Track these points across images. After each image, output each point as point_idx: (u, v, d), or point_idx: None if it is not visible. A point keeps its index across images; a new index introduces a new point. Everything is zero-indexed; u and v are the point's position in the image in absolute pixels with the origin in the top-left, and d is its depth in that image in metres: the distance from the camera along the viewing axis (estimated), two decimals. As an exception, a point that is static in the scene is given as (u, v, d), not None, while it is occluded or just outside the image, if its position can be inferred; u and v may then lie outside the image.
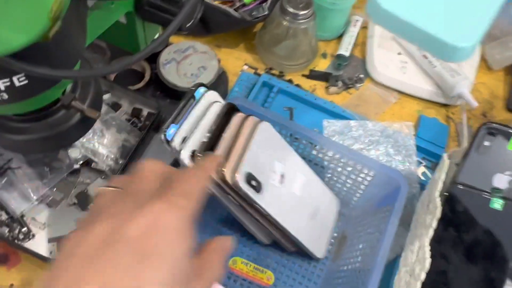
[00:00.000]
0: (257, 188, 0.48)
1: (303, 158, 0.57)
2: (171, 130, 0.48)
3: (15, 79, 0.33)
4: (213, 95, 0.52)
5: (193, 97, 0.50)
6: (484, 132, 0.51)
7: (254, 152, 0.48)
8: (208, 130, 0.48)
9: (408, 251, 0.54)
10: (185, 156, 0.46)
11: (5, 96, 0.34)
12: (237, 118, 0.51)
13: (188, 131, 0.48)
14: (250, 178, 0.47)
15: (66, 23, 0.30)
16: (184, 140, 0.47)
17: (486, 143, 0.51)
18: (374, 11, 0.30)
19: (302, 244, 0.53)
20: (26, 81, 0.33)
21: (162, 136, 0.47)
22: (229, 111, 0.51)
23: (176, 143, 0.47)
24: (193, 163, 0.47)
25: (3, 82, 0.32)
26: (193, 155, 0.47)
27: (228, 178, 0.46)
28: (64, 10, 0.29)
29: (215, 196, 0.49)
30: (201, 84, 0.51)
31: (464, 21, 0.28)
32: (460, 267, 0.51)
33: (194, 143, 0.47)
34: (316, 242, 0.56)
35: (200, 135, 0.48)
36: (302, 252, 0.55)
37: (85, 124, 0.45)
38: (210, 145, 0.47)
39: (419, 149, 0.67)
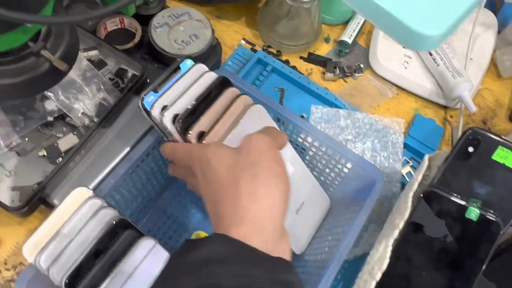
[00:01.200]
0: None
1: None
2: (149, 98, 0.46)
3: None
4: (201, 67, 0.50)
5: (178, 68, 0.49)
6: (469, 138, 0.48)
7: (240, 132, 0.46)
8: (196, 98, 0.46)
9: (374, 250, 0.53)
10: (167, 120, 0.45)
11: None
12: (229, 92, 0.48)
13: (170, 100, 0.46)
14: None
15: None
16: (164, 109, 0.46)
17: (470, 149, 0.48)
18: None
19: None
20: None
21: (139, 103, 0.46)
22: (222, 84, 0.49)
23: (156, 112, 0.45)
24: (173, 127, 0.45)
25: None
26: (175, 120, 0.45)
27: None
28: None
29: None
30: (188, 57, 0.49)
31: (433, 9, 0.26)
32: (424, 273, 0.50)
33: (177, 108, 0.45)
34: (296, 238, 0.54)
35: (186, 102, 0.46)
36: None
37: (54, 76, 0.44)
38: (195, 112, 0.45)
39: (408, 148, 0.64)
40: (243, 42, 0.70)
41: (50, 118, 0.53)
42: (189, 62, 0.48)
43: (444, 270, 0.49)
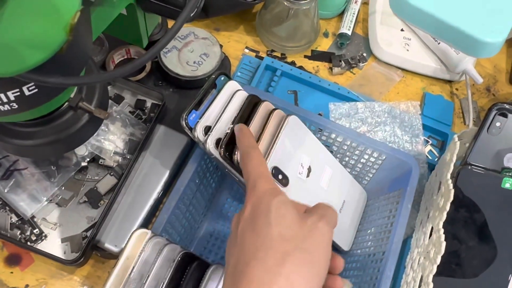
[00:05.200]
0: (284, 182, 0.47)
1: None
2: (192, 116, 0.46)
3: (25, 88, 0.31)
4: (234, 84, 0.50)
5: (214, 85, 0.49)
6: (495, 113, 0.50)
7: (282, 146, 0.47)
8: (232, 120, 0.47)
9: (420, 233, 0.55)
10: (211, 146, 0.45)
11: (15, 105, 0.33)
12: (262, 110, 0.49)
13: (211, 121, 0.47)
14: (277, 172, 0.46)
15: (77, 31, 0.29)
16: (207, 130, 0.46)
17: (497, 124, 0.51)
18: (398, 5, 0.29)
19: None
20: (36, 90, 0.32)
21: (183, 122, 0.46)
22: (253, 102, 0.50)
23: (199, 132, 0.46)
24: (217, 152, 0.46)
25: (13, 93, 0.31)
26: (217, 144, 0.46)
27: None
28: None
29: (240, 184, 0.48)
30: (222, 73, 0.50)
31: (492, 15, 0.28)
32: (472, 247, 0.52)
33: (218, 132, 0.46)
34: (343, 235, 0.56)
35: (224, 125, 0.47)
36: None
37: (93, 125, 0.44)
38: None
39: (424, 127, 0.66)
40: (246, 50, 0.70)
41: (84, 163, 0.52)
42: (223, 78, 0.49)
43: (489, 242, 0.52)
